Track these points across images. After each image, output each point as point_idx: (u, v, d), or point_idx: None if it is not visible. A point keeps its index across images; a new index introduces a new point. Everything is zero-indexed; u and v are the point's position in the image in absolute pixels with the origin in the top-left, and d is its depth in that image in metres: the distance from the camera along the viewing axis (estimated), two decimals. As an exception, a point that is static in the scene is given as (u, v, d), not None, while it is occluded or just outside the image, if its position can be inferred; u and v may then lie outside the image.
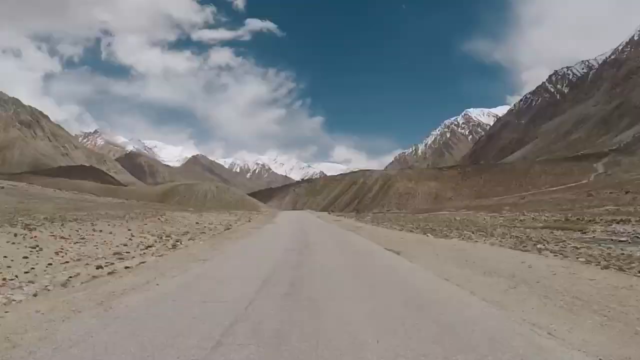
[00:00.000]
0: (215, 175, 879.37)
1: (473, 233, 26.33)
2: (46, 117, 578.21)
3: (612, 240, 20.97)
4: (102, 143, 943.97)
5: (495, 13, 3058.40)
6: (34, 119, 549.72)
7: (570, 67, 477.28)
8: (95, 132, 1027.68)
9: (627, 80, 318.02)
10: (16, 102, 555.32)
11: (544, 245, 17.82)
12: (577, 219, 38.99)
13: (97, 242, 16.43)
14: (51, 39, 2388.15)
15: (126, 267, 11.38)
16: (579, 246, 17.39)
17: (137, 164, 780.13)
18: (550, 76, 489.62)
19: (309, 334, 5.83)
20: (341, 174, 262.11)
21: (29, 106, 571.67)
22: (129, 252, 14.81)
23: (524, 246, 17.25)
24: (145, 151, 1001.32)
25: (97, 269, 10.99)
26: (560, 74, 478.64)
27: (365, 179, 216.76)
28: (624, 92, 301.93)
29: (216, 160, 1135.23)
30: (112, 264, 11.99)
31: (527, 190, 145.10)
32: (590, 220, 35.44)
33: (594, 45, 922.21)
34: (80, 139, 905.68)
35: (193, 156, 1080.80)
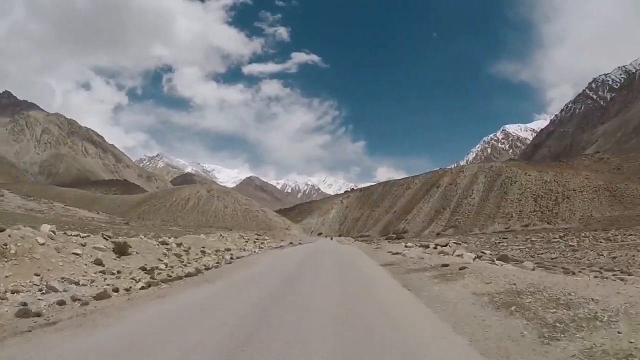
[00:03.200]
0: (267, 195, 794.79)
1: None
2: (101, 137, 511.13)
3: None
4: (162, 165, 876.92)
5: (520, 35, 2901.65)
6: (88, 139, 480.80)
7: (607, 74, 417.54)
8: (157, 155, 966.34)
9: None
10: (72, 123, 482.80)
11: None
12: None
13: None
14: (117, 74, 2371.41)
15: None
16: None
17: (191, 183, 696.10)
18: (589, 84, 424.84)
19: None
20: (409, 177, 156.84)
21: (85, 127, 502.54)
22: None
23: None
24: (204, 173, 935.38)
25: None
26: (599, 81, 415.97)
27: (453, 177, 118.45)
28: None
29: (269, 182, 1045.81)
30: None
31: None
32: None
33: (614, 59, 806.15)
34: (144, 161, 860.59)
35: (247, 177, 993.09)
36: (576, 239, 49.89)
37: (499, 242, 52.67)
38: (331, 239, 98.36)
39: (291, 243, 47.65)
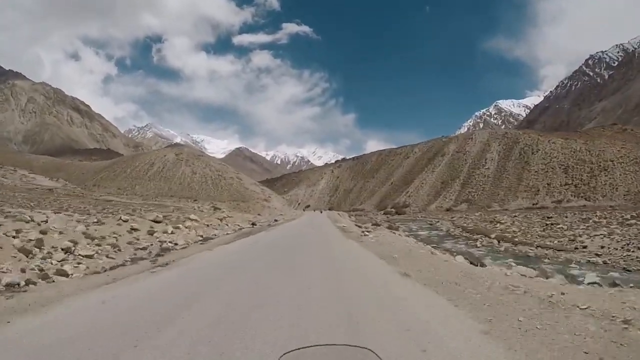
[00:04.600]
0: (257, 166, 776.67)
1: None
2: (87, 106, 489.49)
3: None
4: (151, 135, 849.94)
5: (515, 11, 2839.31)
6: (74, 108, 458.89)
7: (604, 51, 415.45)
8: (146, 125, 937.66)
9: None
10: (58, 92, 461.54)
11: None
12: None
13: None
14: (107, 44, 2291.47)
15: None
16: None
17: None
18: (586, 60, 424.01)
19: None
20: (407, 145, 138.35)
21: (71, 96, 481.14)
22: None
23: None
24: (193, 144, 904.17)
25: None
26: (597, 57, 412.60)
27: (460, 144, 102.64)
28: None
29: (259, 153, 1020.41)
30: None
31: None
32: None
33: (609, 39, 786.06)
34: (133, 132, 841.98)
35: (237, 148, 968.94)
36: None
37: (555, 224, 37.33)
38: (320, 212, 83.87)
39: (253, 225, 29.85)
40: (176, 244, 13.79)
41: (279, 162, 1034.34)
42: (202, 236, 17.81)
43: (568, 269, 19.16)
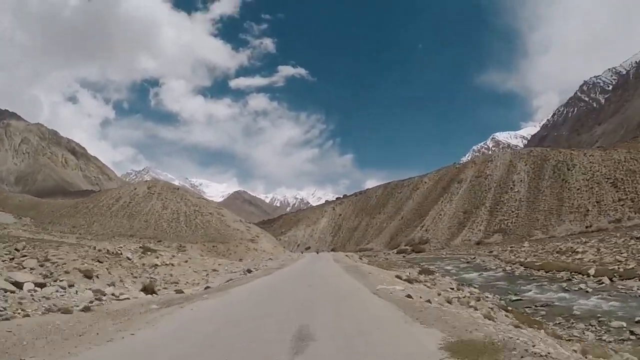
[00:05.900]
0: (256, 208, 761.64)
1: None
2: (83, 148, 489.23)
3: None
4: (148, 179, 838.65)
5: (505, 44, 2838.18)
6: (69, 150, 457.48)
7: (598, 76, 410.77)
8: (144, 169, 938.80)
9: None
10: (54, 134, 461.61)
11: None
12: None
13: None
14: (104, 87, 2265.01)
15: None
16: None
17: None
18: (580, 86, 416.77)
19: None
20: (414, 176, 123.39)
21: (67, 138, 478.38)
22: None
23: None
24: (191, 188, 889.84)
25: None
26: (591, 83, 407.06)
27: (479, 168, 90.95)
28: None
29: (257, 196, 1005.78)
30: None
31: None
32: None
33: (600, 64, 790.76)
34: (130, 175, 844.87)
35: (235, 191, 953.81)
36: None
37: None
38: (317, 253, 71.75)
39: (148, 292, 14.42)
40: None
41: (278, 204, 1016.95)
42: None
43: None
